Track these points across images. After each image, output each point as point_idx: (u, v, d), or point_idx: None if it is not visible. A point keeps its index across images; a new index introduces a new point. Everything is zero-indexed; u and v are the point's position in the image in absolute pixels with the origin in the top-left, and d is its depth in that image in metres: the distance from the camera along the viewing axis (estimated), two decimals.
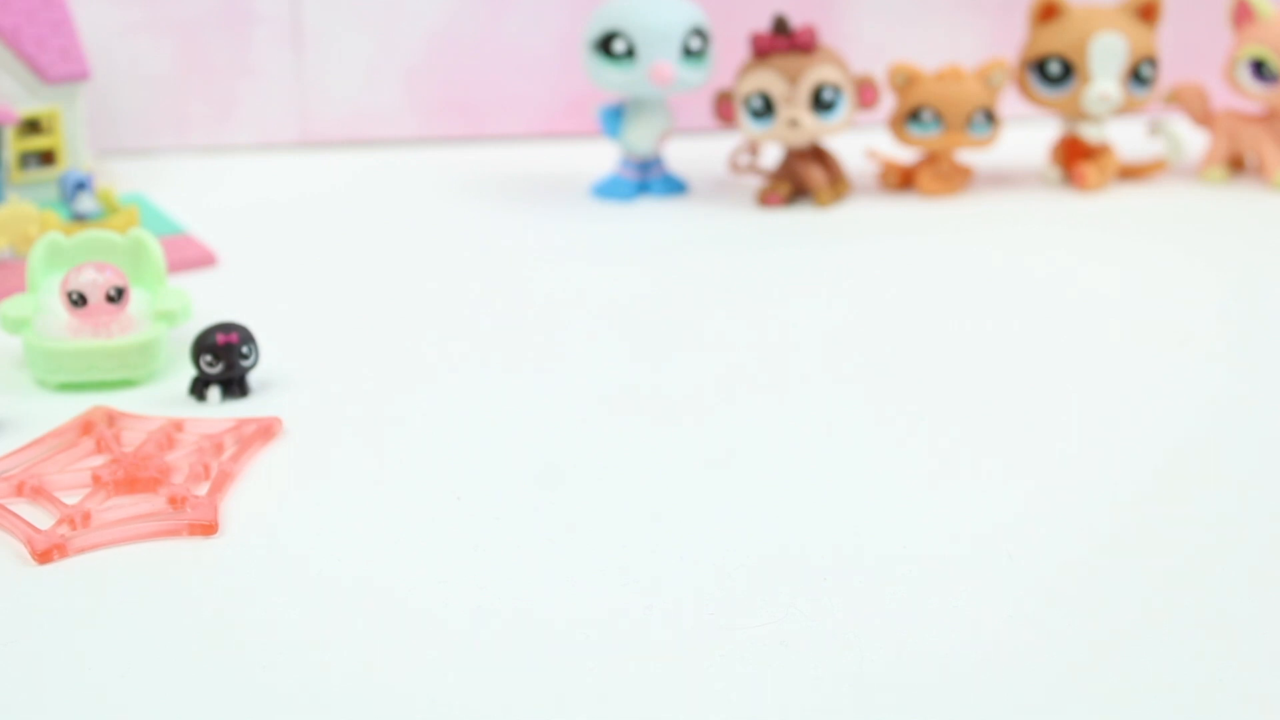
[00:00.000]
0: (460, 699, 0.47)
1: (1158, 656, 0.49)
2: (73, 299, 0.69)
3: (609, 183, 0.98)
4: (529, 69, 1.11)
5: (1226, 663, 0.49)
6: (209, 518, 0.57)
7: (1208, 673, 0.48)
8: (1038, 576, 0.53)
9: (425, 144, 1.11)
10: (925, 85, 0.95)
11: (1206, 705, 0.47)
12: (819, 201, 0.95)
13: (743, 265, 0.85)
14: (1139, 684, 0.47)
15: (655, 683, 0.48)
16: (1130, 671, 0.48)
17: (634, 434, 0.64)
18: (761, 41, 0.93)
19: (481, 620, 0.51)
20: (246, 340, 0.68)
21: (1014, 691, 0.47)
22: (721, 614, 0.51)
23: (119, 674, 0.48)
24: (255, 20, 1.08)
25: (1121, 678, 0.48)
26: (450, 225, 0.94)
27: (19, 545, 0.56)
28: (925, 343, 0.74)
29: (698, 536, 0.56)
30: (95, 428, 0.64)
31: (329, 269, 0.86)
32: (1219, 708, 0.47)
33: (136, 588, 0.53)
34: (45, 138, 0.93)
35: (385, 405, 0.68)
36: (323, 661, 0.49)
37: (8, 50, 0.91)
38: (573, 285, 0.83)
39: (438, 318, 0.78)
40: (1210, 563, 0.54)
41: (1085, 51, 0.95)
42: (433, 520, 0.58)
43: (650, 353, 0.73)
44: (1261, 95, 0.97)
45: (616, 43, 0.94)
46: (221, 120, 1.09)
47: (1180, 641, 0.50)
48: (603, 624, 0.51)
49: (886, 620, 0.51)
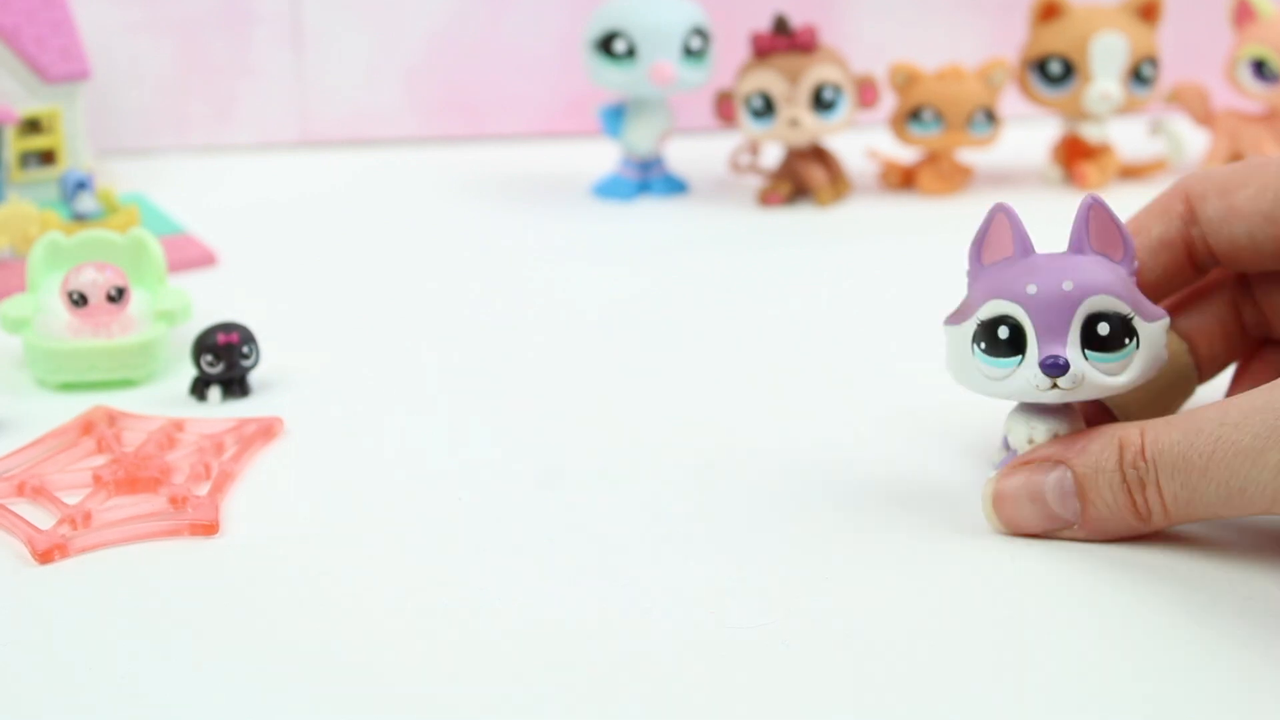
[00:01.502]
0: (461, 699, 0.47)
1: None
2: (73, 299, 0.69)
3: (609, 182, 0.98)
4: (529, 69, 1.11)
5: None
6: (210, 518, 0.57)
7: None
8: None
9: (425, 144, 1.11)
10: (925, 85, 0.95)
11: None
12: (819, 201, 0.95)
13: (743, 265, 0.85)
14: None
15: (655, 682, 0.48)
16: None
17: (634, 433, 0.64)
18: (762, 41, 0.93)
19: (483, 620, 0.51)
20: (247, 340, 0.68)
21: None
22: (722, 613, 0.51)
23: (119, 674, 0.48)
24: (255, 20, 1.08)
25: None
26: (450, 225, 0.94)
27: (20, 545, 0.56)
28: (925, 342, 0.74)
29: (697, 536, 0.56)
30: (96, 428, 0.64)
31: (329, 269, 0.86)
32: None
33: (137, 588, 0.53)
34: (45, 137, 0.93)
35: (386, 405, 0.68)
36: (323, 661, 0.49)
37: (8, 50, 0.91)
38: (573, 285, 0.83)
39: (438, 317, 0.78)
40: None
41: (1086, 51, 0.95)
42: (434, 520, 0.57)
43: (650, 352, 0.73)
44: (1262, 95, 0.97)
45: (617, 42, 0.94)
46: (221, 120, 1.09)
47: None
48: (604, 624, 0.50)
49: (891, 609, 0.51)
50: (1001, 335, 0.53)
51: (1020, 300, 0.53)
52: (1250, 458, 0.49)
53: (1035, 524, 0.54)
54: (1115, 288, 0.53)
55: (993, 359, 0.53)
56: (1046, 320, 0.53)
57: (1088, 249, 0.54)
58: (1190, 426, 0.50)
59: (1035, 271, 0.53)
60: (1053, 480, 0.53)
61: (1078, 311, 0.52)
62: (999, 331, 0.53)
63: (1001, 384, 0.54)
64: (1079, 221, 0.54)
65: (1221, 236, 0.57)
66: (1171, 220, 0.58)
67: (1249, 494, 0.49)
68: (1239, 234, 0.56)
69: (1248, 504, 0.49)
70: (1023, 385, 0.53)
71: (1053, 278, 0.53)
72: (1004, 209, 0.55)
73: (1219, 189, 0.57)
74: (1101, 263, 0.54)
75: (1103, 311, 0.53)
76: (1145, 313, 0.54)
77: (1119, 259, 0.54)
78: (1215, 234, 0.57)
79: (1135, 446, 0.51)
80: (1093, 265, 0.53)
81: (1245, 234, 0.56)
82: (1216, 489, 0.50)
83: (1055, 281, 0.53)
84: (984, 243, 0.55)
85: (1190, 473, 0.50)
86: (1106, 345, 0.53)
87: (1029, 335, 0.53)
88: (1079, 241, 0.54)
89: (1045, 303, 0.53)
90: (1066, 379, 0.52)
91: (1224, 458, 0.49)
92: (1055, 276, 0.53)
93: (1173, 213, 0.58)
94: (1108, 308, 0.53)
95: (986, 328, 0.54)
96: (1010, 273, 0.54)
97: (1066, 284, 0.53)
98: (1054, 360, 0.52)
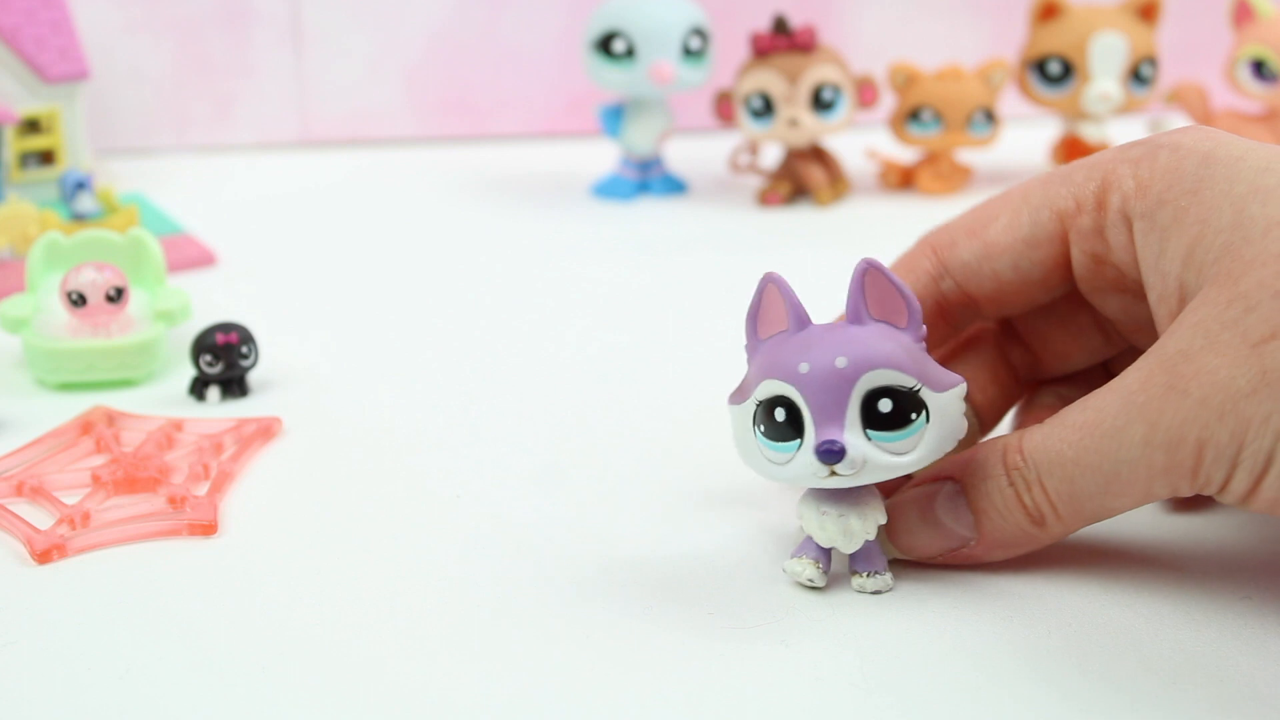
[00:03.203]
0: (461, 699, 0.47)
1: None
2: (72, 299, 0.69)
3: (609, 182, 0.98)
4: (529, 69, 1.11)
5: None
6: (209, 518, 0.57)
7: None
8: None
9: (425, 143, 1.11)
10: (925, 85, 0.95)
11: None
12: (819, 201, 0.95)
13: (742, 265, 0.85)
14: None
15: (655, 682, 0.48)
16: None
17: (634, 433, 0.64)
18: (761, 41, 0.93)
19: (483, 620, 0.51)
20: (246, 340, 0.68)
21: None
22: (721, 613, 0.51)
23: (119, 674, 0.48)
24: (255, 20, 1.08)
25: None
26: (450, 225, 0.94)
27: (19, 545, 0.56)
28: None
29: (698, 536, 0.56)
30: (95, 428, 0.64)
31: (329, 268, 0.86)
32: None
33: (136, 588, 0.53)
34: (45, 137, 0.93)
35: (385, 405, 0.68)
36: (323, 661, 0.49)
37: (8, 50, 0.91)
38: (572, 285, 0.83)
39: (437, 317, 0.78)
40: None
41: (1085, 51, 0.95)
42: (433, 520, 0.57)
43: (650, 352, 0.73)
44: (1261, 95, 0.97)
45: (616, 42, 0.94)
46: (221, 120, 1.09)
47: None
48: (604, 624, 0.50)
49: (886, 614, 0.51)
50: (779, 417, 0.49)
51: (793, 380, 0.49)
52: (1113, 437, 0.48)
53: (933, 546, 0.52)
54: (897, 359, 0.49)
55: (773, 442, 0.50)
56: (821, 401, 0.48)
57: (866, 318, 0.50)
58: (1056, 421, 0.50)
59: (808, 348, 0.49)
60: (943, 497, 0.52)
61: (855, 389, 0.48)
62: (775, 413, 0.49)
63: (784, 469, 0.50)
64: (854, 289, 0.50)
65: (984, 278, 0.55)
66: (919, 278, 0.55)
67: (1124, 478, 0.48)
68: (1003, 269, 0.54)
69: (1128, 490, 0.48)
70: (802, 471, 0.49)
71: (825, 354, 0.49)
72: (774, 279, 0.51)
73: (967, 231, 0.55)
74: (882, 332, 0.49)
75: (884, 386, 0.49)
76: (935, 382, 0.49)
77: (903, 326, 0.50)
78: (976, 277, 0.55)
79: (1015, 448, 0.50)
80: (871, 336, 0.49)
81: (1010, 267, 0.54)
82: (1093, 477, 0.49)
83: (828, 358, 0.48)
84: (758, 315, 0.51)
85: (1065, 465, 0.49)
86: (890, 423, 0.49)
87: (806, 418, 0.49)
88: (855, 311, 0.50)
89: (819, 382, 0.48)
90: (844, 464, 0.48)
91: (1090, 442, 0.48)
92: (828, 352, 0.49)
93: (919, 270, 0.56)
94: (889, 382, 0.49)
95: (765, 409, 0.50)
96: (785, 349, 0.50)
97: (840, 360, 0.48)
98: (829, 446, 0.48)
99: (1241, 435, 0.46)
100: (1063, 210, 0.53)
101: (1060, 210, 0.53)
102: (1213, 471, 0.47)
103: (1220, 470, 0.47)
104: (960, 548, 0.52)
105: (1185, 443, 0.47)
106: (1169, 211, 0.50)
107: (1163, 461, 0.47)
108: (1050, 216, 0.54)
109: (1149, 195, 0.51)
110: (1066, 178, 0.53)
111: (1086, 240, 0.53)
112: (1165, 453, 0.47)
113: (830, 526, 0.50)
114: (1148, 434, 0.47)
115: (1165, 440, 0.47)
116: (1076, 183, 0.53)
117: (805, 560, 0.51)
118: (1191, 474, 0.47)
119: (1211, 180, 0.49)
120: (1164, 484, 0.48)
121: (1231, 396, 0.46)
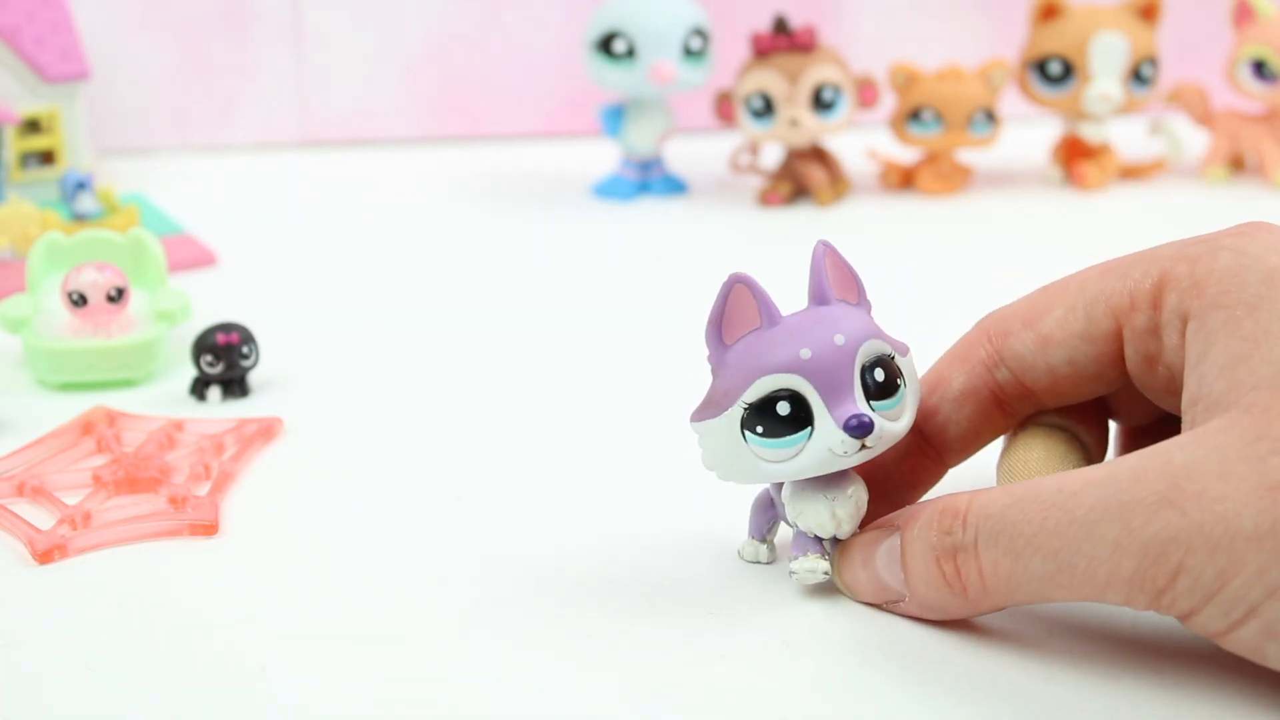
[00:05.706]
0: (461, 698, 0.47)
1: None
2: (73, 299, 0.69)
3: (609, 182, 0.98)
4: (529, 68, 1.11)
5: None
6: (209, 518, 0.57)
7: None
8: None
9: (425, 144, 1.11)
10: (925, 85, 0.95)
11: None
12: (819, 201, 0.95)
13: (742, 265, 0.85)
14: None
15: (657, 681, 0.48)
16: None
17: (634, 433, 0.64)
18: (762, 41, 0.93)
19: (483, 619, 0.51)
20: (247, 340, 0.68)
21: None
22: (721, 613, 0.51)
23: (119, 674, 0.48)
24: (255, 20, 1.08)
25: None
26: (450, 225, 0.94)
27: (19, 545, 0.56)
28: (924, 342, 0.74)
29: (697, 536, 0.56)
30: (95, 428, 0.64)
31: (329, 269, 0.86)
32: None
33: (136, 588, 0.53)
34: (45, 137, 0.93)
35: (385, 405, 0.68)
36: (323, 661, 0.49)
37: (8, 50, 0.91)
38: (572, 285, 0.83)
39: (437, 317, 0.78)
40: None
41: (1086, 51, 0.95)
42: (433, 520, 0.57)
43: (650, 352, 0.73)
44: (1262, 95, 0.97)
45: (617, 42, 0.94)
46: (221, 120, 1.09)
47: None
48: (606, 624, 0.50)
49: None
50: (782, 412, 0.48)
51: (796, 369, 0.48)
52: (1084, 528, 0.45)
53: (868, 594, 0.50)
54: (875, 329, 0.50)
55: (774, 440, 0.49)
56: (829, 382, 0.48)
57: (832, 298, 0.50)
58: (1025, 493, 0.47)
59: (800, 335, 0.49)
60: (884, 547, 0.50)
61: (855, 364, 0.49)
62: (777, 409, 0.49)
63: (789, 464, 0.49)
64: (817, 270, 0.50)
65: (1039, 370, 0.52)
66: (974, 367, 0.53)
67: (1078, 571, 0.45)
68: (1058, 363, 0.51)
69: (1076, 584, 0.45)
70: (818, 457, 0.49)
71: (822, 335, 0.49)
72: (743, 279, 0.51)
73: (1023, 321, 0.52)
74: (850, 310, 0.50)
75: (877, 357, 0.49)
76: (899, 348, 0.51)
77: (857, 302, 0.51)
78: (1031, 369, 0.52)
79: (957, 512, 0.48)
80: (848, 314, 0.50)
81: (1064, 360, 0.51)
82: (1043, 561, 0.45)
83: (826, 339, 0.49)
84: (723, 320, 0.51)
85: (1016, 540, 0.46)
86: (885, 391, 0.49)
87: (814, 403, 0.48)
88: (821, 292, 0.50)
89: (824, 364, 0.48)
90: (873, 436, 0.48)
91: (1055, 525, 0.45)
92: (824, 333, 0.49)
93: (974, 359, 0.53)
94: (878, 352, 0.49)
95: (760, 409, 0.49)
96: (767, 344, 0.49)
97: (838, 338, 0.49)
98: (859, 419, 0.48)
99: (1229, 576, 0.43)
100: (1117, 307, 0.50)
101: (1115, 307, 0.50)
102: (1182, 599, 0.44)
103: (1190, 601, 0.44)
104: (897, 601, 0.50)
105: (1164, 561, 0.44)
106: (1222, 317, 0.47)
107: (1130, 570, 0.44)
108: (1105, 312, 0.51)
109: (1204, 295, 0.48)
110: (1124, 273, 0.51)
111: (1140, 339, 0.50)
112: (1137, 563, 0.44)
113: (840, 510, 0.50)
114: (1123, 538, 0.44)
115: (1141, 551, 0.44)
116: (1134, 278, 0.50)
117: (812, 557, 0.51)
118: (1157, 593, 0.44)
119: (1273, 302, 0.47)
120: (1119, 592, 0.45)
121: (1231, 533, 0.43)
